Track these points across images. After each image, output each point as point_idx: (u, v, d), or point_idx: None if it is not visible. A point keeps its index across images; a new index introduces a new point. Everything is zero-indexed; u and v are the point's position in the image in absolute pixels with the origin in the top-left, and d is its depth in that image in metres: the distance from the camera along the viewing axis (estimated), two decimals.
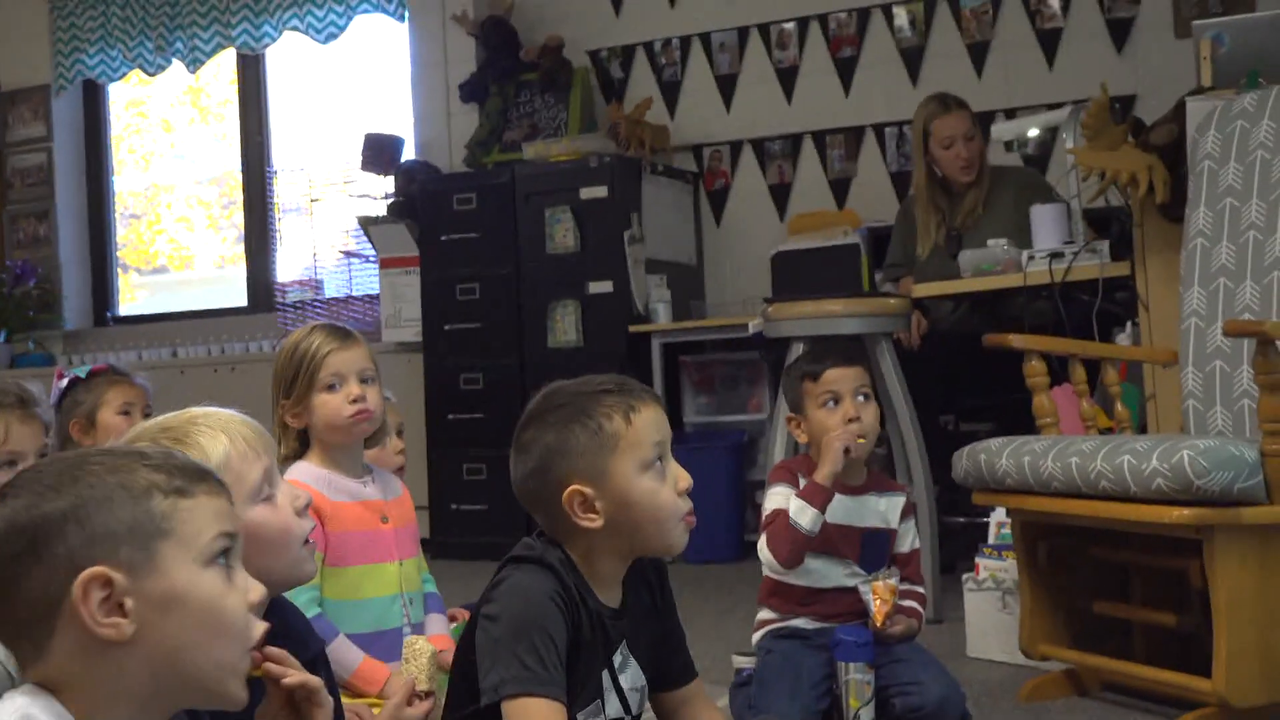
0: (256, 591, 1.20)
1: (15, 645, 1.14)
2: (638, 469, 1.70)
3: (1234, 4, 4.71)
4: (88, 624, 1.09)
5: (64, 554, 1.10)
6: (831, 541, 2.51)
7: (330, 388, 2.24)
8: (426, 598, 2.37)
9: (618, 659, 1.75)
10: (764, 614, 2.58)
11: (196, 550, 1.14)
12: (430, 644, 1.80)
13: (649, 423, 1.73)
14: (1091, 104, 3.26)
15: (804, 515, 2.44)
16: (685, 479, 1.75)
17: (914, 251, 4.38)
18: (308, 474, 2.24)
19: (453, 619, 2.42)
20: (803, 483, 2.51)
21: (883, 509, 2.57)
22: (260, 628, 1.21)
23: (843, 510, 2.52)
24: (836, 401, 2.53)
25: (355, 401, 2.23)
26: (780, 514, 2.48)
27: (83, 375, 2.91)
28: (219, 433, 1.49)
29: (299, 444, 2.29)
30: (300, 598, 2.02)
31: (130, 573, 1.11)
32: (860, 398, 2.54)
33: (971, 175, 4.28)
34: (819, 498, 2.44)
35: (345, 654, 2.14)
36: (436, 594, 2.42)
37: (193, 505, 1.15)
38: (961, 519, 4.02)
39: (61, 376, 2.93)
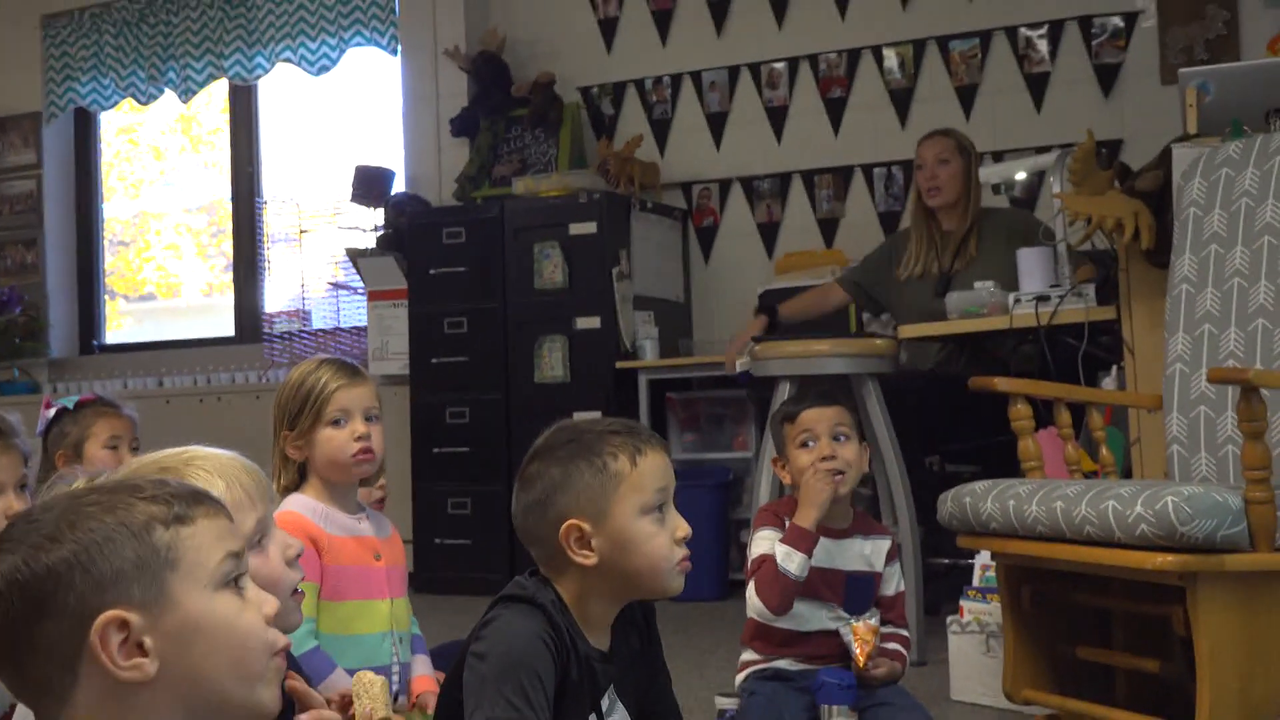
0: (270, 604, 1.19)
1: (38, 702, 1.10)
2: (638, 511, 1.71)
3: (1219, 53, 4.76)
4: (110, 669, 1.07)
5: (74, 603, 1.07)
6: (815, 585, 2.50)
7: (336, 423, 2.24)
8: (413, 639, 2.37)
9: (605, 703, 1.74)
10: (747, 655, 2.58)
11: (206, 576, 1.13)
12: (379, 676, 1.79)
13: (654, 468, 1.73)
14: (1078, 149, 3.28)
15: (791, 561, 2.44)
16: (684, 528, 1.75)
17: (871, 281, 4.51)
18: (306, 506, 2.23)
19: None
20: (789, 524, 2.51)
21: (867, 552, 2.57)
22: (282, 639, 1.20)
23: (826, 553, 2.52)
24: (813, 441, 2.53)
25: (359, 439, 2.24)
26: (767, 560, 2.48)
27: (70, 406, 2.88)
28: (216, 477, 1.47)
29: (298, 475, 2.29)
30: (299, 629, 2.01)
31: (144, 611, 1.09)
32: (839, 438, 2.54)
33: (936, 200, 4.31)
34: (805, 542, 2.44)
35: (343, 686, 2.13)
36: (420, 636, 2.42)
37: (195, 531, 1.13)
38: (946, 561, 4.02)
39: (49, 405, 2.91)
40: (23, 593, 1.07)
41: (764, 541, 2.52)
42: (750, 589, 2.49)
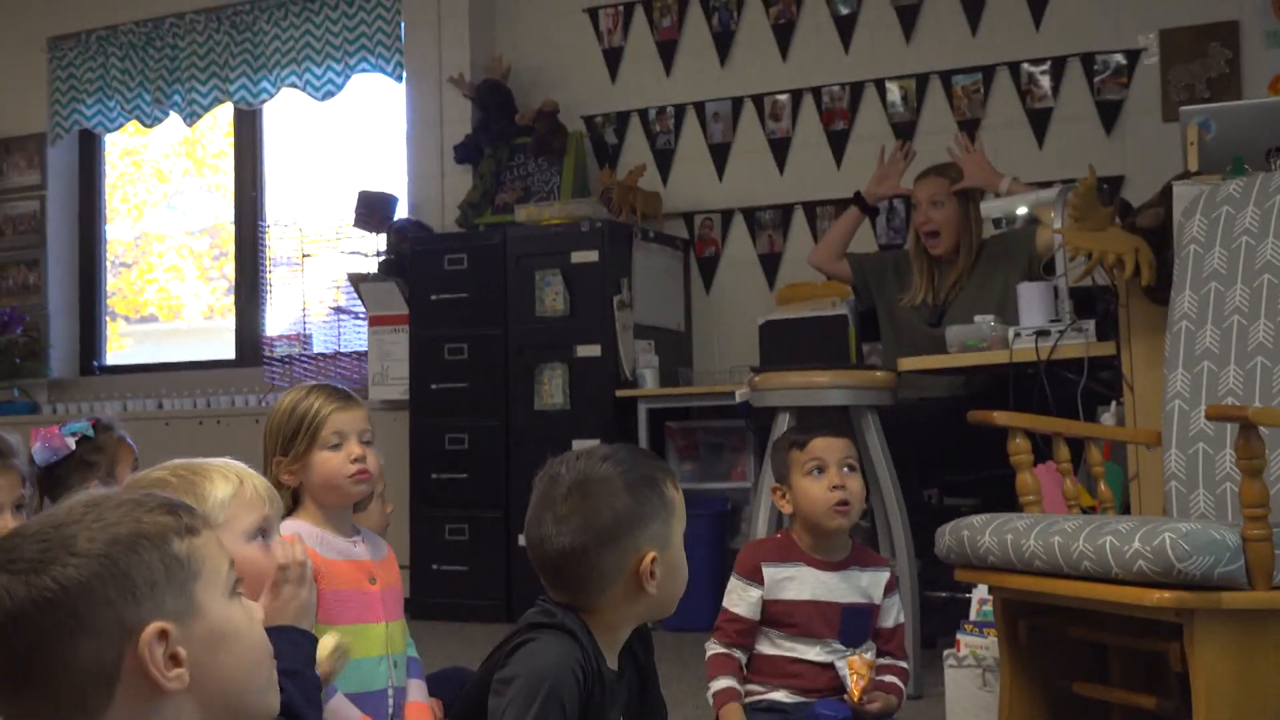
0: (259, 612, 1.21)
1: None
2: (681, 537, 1.75)
3: (1221, 91, 4.79)
4: (157, 681, 1.06)
5: (113, 617, 1.05)
6: (810, 619, 2.50)
7: (333, 446, 2.26)
8: (408, 661, 2.37)
9: None
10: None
11: (222, 584, 1.14)
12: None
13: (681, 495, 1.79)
14: (1079, 184, 3.29)
15: (710, 690, 2.50)
16: None
17: (877, 278, 4.53)
18: (301, 530, 2.23)
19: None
20: (767, 572, 2.52)
21: (864, 584, 2.58)
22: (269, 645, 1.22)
23: (823, 586, 2.52)
24: (821, 470, 2.54)
25: (356, 460, 2.25)
26: (729, 622, 2.53)
27: (90, 433, 2.83)
28: (234, 476, 1.60)
29: (292, 502, 2.29)
30: None
31: (178, 621, 1.09)
32: (845, 468, 2.55)
33: (938, 246, 4.32)
34: (720, 699, 2.50)
35: (345, 711, 2.13)
36: (417, 659, 2.42)
37: (204, 541, 1.14)
38: (944, 594, 4.02)
39: (57, 434, 2.83)
40: (52, 611, 1.04)
41: (733, 595, 2.56)
42: (709, 642, 2.53)
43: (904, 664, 2.62)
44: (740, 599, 2.54)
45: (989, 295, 4.13)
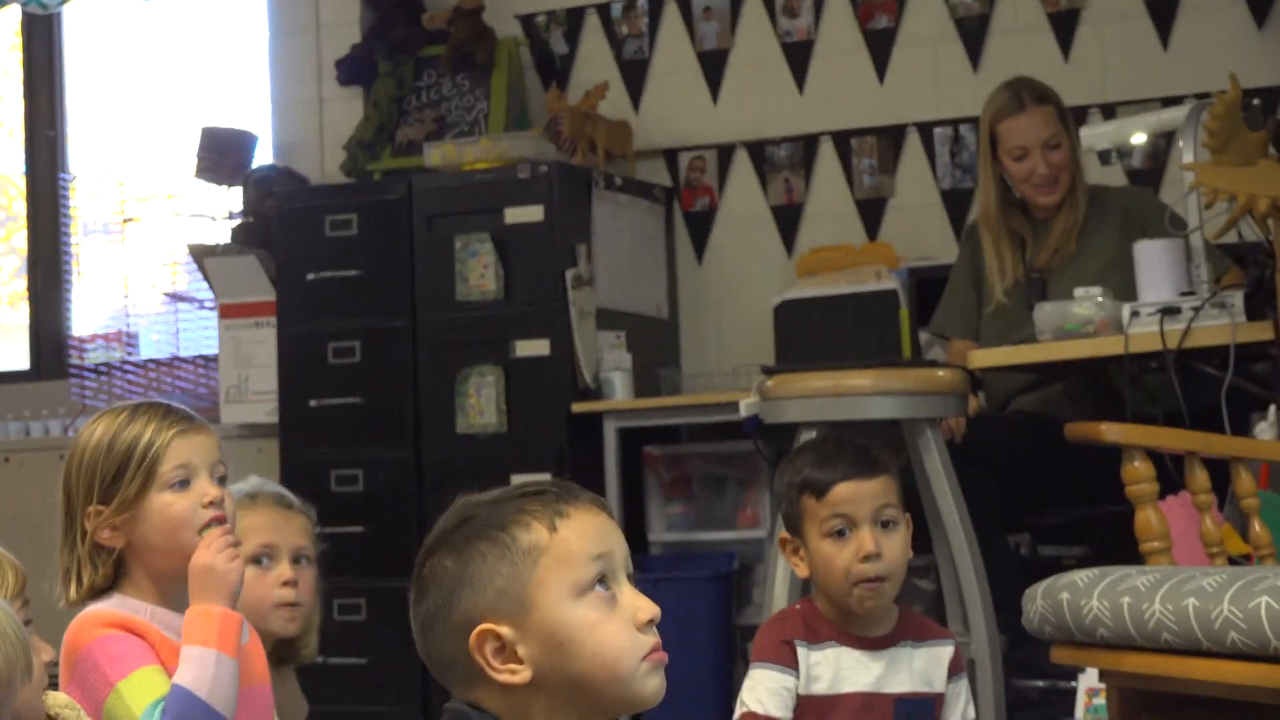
0: None
1: None
2: (570, 594, 1.70)
3: None
4: None
5: None
6: (855, 718, 2.52)
7: (177, 485, 2.26)
8: None
9: None
10: None
11: None
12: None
13: (584, 531, 1.72)
14: (1218, 101, 3.32)
15: None
16: (647, 609, 1.73)
17: (974, 306, 4.41)
18: (125, 605, 2.22)
19: None
20: (802, 653, 2.53)
21: (920, 665, 2.59)
22: None
23: (866, 672, 2.54)
24: (847, 530, 2.55)
25: (211, 505, 2.26)
26: None
27: None
28: None
29: (113, 571, 2.28)
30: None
31: None
32: (881, 524, 2.56)
33: (1054, 196, 4.30)
34: None
35: None
36: None
37: None
38: (1039, 683, 4.04)
39: None
40: None
41: (758, 689, 2.55)
42: None
43: None
44: (771, 693, 2.54)
45: (1117, 270, 4.08)
